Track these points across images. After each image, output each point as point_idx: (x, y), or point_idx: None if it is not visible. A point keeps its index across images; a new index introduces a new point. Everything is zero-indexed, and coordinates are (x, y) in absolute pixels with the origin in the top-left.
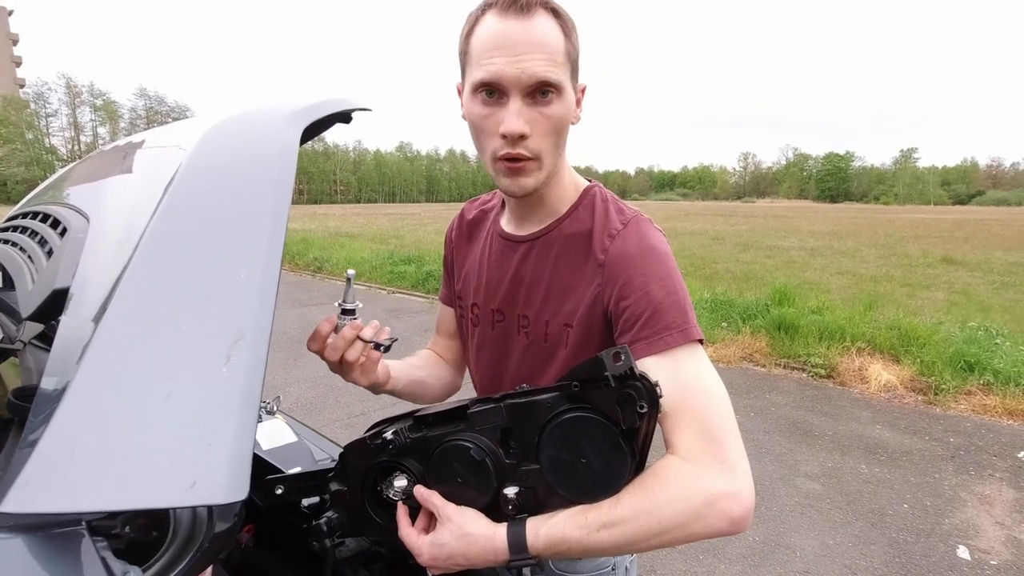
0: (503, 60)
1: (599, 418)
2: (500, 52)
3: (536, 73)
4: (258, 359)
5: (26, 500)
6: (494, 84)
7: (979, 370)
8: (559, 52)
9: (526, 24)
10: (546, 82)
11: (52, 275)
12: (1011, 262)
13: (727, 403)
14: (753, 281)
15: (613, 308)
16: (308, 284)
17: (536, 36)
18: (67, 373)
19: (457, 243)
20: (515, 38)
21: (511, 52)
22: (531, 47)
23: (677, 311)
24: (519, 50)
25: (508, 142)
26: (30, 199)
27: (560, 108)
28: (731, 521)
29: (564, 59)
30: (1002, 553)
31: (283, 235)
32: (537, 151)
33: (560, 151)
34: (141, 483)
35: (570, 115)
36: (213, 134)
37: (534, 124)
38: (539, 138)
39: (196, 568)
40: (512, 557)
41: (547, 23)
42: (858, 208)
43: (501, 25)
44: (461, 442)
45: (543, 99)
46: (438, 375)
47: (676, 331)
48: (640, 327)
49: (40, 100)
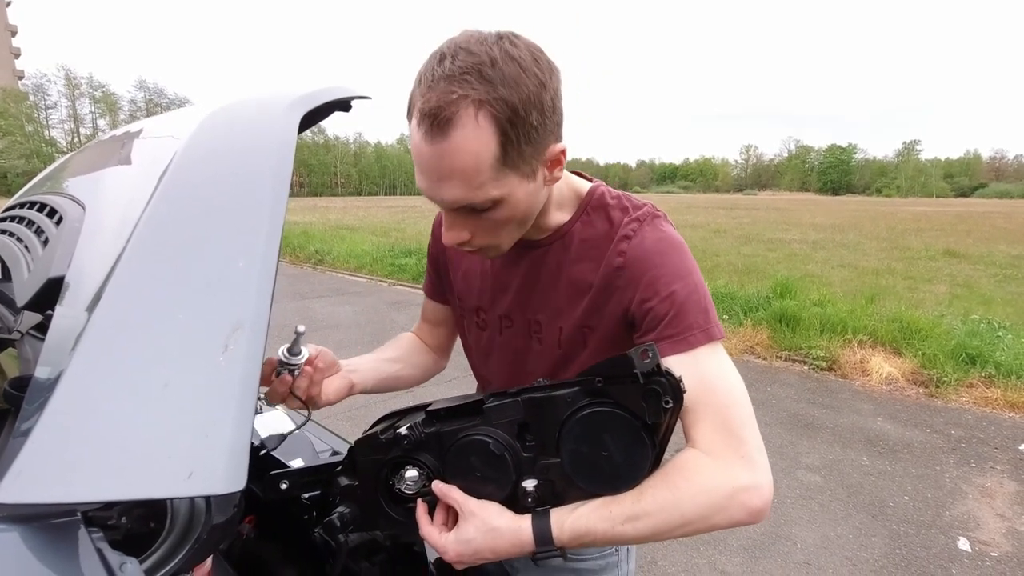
0: (424, 182)
1: (622, 413)
2: (421, 171)
3: (456, 200)
4: (256, 349)
5: (19, 490)
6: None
7: (981, 363)
8: (486, 169)
9: (440, 147)
10: (470, 205)
11: (48, 264)
12: (1014, 255)
13: (746, 399)
14: (755, 274)
15: (636, 309)
16: (309, 276)
17: (451, 162)
18: (62, 362)
19: None
20: (430, 164)
21: (430, 177)
22: (446, 173)
23: (699, 311)
24: (435, 176)
25: None
26: (28, 189)
27: (503, 212)
28: (751, 513)
29: (496, 170)
30: (1003, 545)
31: (281, 224)
32: (487, 244)
33: (521, 228)
34: (137, 473)
35: (522, 208)
36: (211, 122)
37: (474, 228)
38: (483, 237)
39: (194, 559)
40: (538, 549)
41: (470, 138)
42: (860, 201)
43: (419, 142)
44: (479, 437)
45: (479, 211)
46: (417, 362)
47: (699, 331)
48: (664, 327)
49: (39, 92)
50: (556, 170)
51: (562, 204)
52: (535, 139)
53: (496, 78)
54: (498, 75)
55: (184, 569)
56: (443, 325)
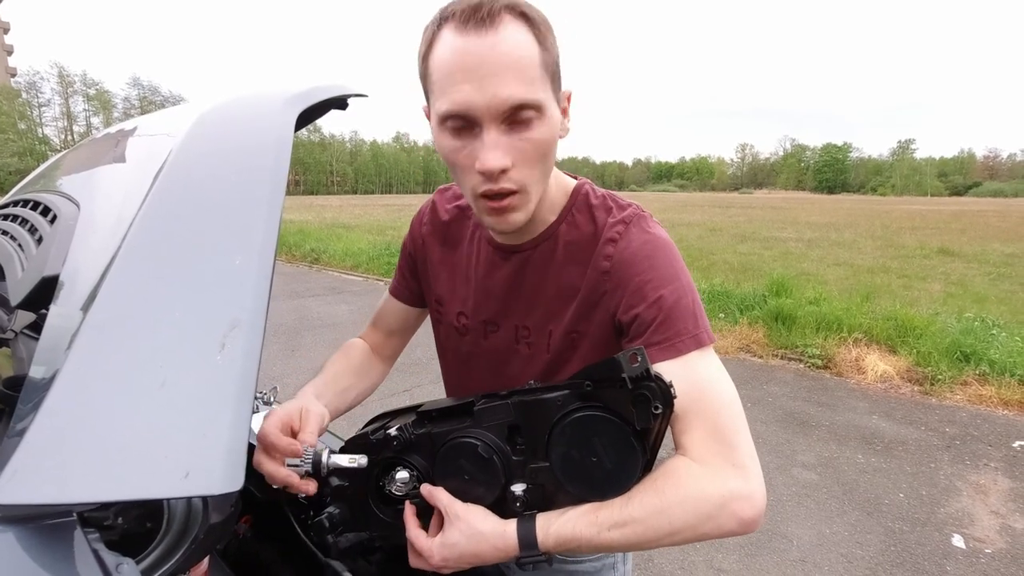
0: (469, 86)
1: (612, 417)
2: (465, 76)
3: (511, 97)
4: (253, 347)
5: (14, 491)
6: (463, 115)
7: (975, 360)
8: (534, 66)
9: (491, 39)
10: (523, 104)
11: (42, 263)
12: (1008, 253)
13: (738, 406)
14: (750, 272)
15: (623, 315)
16: (305, 275)
17: (504, 52)
18: (56, 361)
19: (429, 241)
20: (480, 58)
21: (477, 75)
22: (500, 66)
23: (688, 316)
24: (486, 71)
25: (488, 178)
26: (21, 187)
27: (544, 130)
28: (741, 522)
29: (541, 72)
30: (996, 541)
31: (278, 221)
32: (522, 182)
33: (548, 176)
34: (134, 473)
35: (556, 134)
36: (206, 119)
37: (515, 153)
38: (523, 168)
39: (191, 560)
40: (523, 553)
41: (516, 33)
42: (855, 199)
43: (462, 43)
44: (468, 439)
45: (522, 124)
46: (369, 376)
47: (688, 336)
48: (651, 333)
49: (32, 89)
50: (566, 118)
51: (552, 201)
52: (558, 64)
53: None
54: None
55: (181, 569)
56: (399, 335)
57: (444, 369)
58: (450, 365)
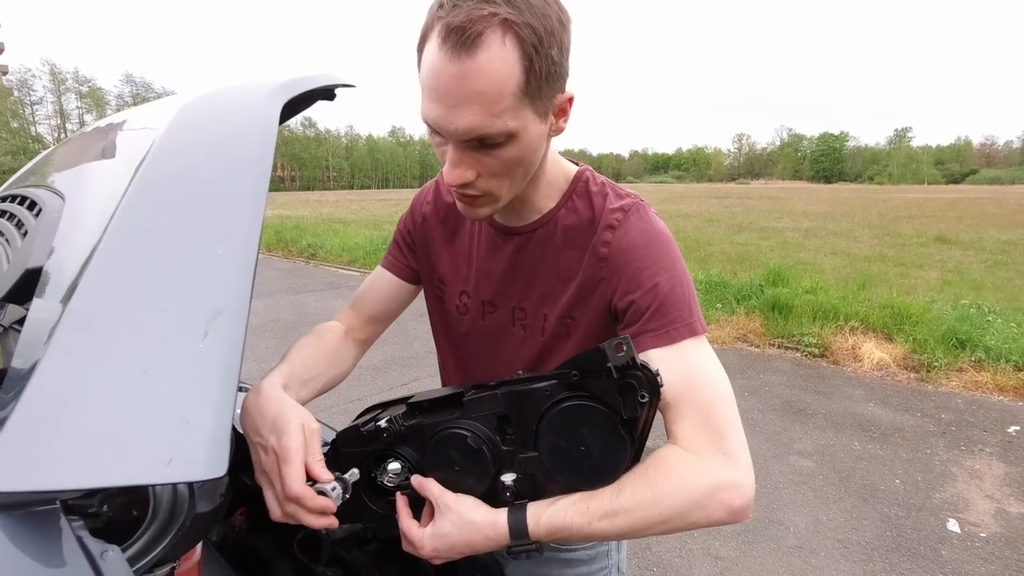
0: (438, 108)
1: (599, 406)
2: (435, 96)
3: (471, 130)
4: (237, 335)
5: None
6: (432, 128)
7: (971, 347)
8: (507, 95)
9: (464, 66)
10: (485, 137)
11: (26, 256)
12: (1004, 240)
13: (730, 395)
14: (747, 262)
15: (619, 302)
16: (302, 271)
17: (472, 84)
18: (38, 351)
19: (431, 221)
20: (448, 85)
21: (444, 101)
22: (465, 99)
23: (682, 305)
24: (452, 101)
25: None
26: (9, 183)
27: (513, 151)
28: (731, 512)
29: (517, 98)
30: (991, 526)
31: (262, 210)
32: (488, 190)
33: (525, 178)
34: (116, 460)
35: (532, 149)
36: (190, 110)
37: (481, 167)
38: (489, 180)
39: (179, 548)
40: (513, 543)
41: (495, 60)
42: (852, 188)
43: (439, 62)
44: (458, 430)
45: (489, 145)
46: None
47: (682, 325)
48: (646, 320)
49: (24, 87)
50: (562, 120)
51: (552, 185)
52: (552, 76)
53: (523, 4)
54: (525, 2)
55: (169, 558)
56: (382, 317)
57: (439, 347)
58: (446, 344)
